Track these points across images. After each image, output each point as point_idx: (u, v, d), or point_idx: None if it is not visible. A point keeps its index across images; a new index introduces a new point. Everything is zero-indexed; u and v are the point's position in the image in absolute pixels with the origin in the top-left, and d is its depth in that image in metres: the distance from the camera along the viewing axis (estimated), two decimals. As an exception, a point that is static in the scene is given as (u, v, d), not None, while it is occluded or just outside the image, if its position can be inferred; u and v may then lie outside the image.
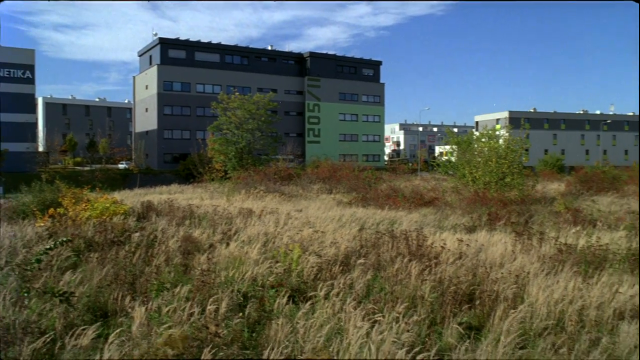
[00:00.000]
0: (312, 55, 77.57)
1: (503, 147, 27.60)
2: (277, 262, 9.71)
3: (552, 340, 6.43)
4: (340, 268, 9.37)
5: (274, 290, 7.97)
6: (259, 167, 37.36)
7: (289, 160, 49.25)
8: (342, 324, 6.65)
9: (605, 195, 29.11)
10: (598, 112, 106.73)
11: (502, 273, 8.95)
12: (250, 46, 74.24)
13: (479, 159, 27.20)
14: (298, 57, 77.91)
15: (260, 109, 45.58)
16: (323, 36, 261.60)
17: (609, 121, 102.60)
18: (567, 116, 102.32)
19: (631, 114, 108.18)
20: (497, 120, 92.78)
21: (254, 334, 6.56)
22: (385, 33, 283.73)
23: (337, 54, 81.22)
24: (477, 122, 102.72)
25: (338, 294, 7.67)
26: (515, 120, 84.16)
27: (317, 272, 9.16)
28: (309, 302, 7.29)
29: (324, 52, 79.98)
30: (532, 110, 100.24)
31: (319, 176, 35.90)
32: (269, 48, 76.90)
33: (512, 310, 7.06)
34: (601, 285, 8.27)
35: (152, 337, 5.94)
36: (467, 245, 11.27)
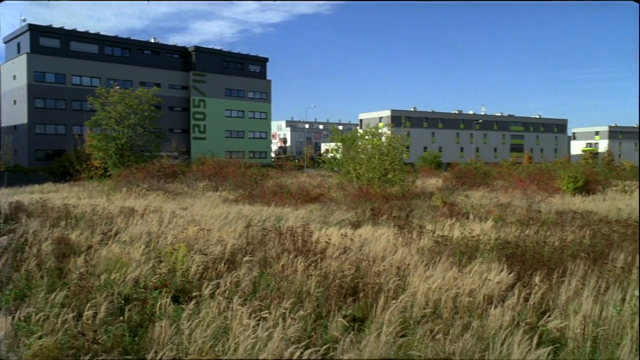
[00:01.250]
0: (198, 49, 75.86)
1: (385, 144, 28.66)
2: (161, 262, 9.41)
3: (429, 327, 6.78)
4: (227, 266, 9.27)
5: (157, 291, 7.71)
6: (142, 164, 35.92)
7: (174, 157, 47.76)
8: (228, 322, 6.58)
9: (477, 189, 31.21)
10: (471, 112, 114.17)
11: (384, 266, 9.32)
12: (132, 38, 71.14)
13: (363, 156, 28.05)
14: (183, 51, 75.82)
15: (143, 103, 43.74)
16: (209, 30, 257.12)
17: (480, 121, 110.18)
18: (444, 116, 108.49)
19: (499, 114, 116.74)
20: (380, 118, 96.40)
21: (136, 338, 6.30)
22: (272, 30, 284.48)
23: (224, 50, 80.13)
24: (361, 120, 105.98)
25: (224, 292, 7.58)
26: (397, 119, 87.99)
27: (203, 271, 9.00)
28: (193, 302, 7.14)
29: (210, 47, 78.52)
30: (412, 110, 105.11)
31: (205, 173, 35.20)
32: (152, 41, 74.12)
33: (394, 301, 7.37)
34: (473, 273, 8.84)
35: (20, 349, 5.52)
36: (352, 239, 11.60)
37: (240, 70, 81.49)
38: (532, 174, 31.78)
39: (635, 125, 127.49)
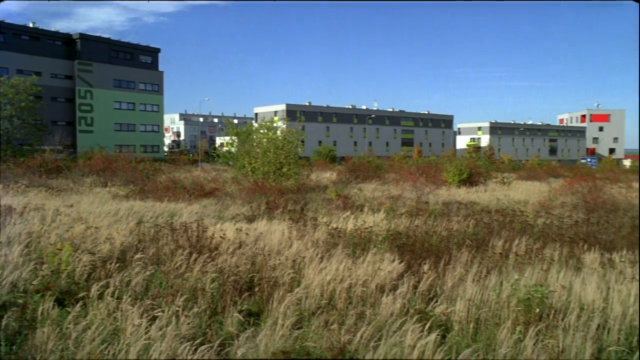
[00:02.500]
0: (83, 37, 71.65)
1: (281, 138, 28.74)
2: (43, 263, 8.83)
3: (324, 318, 6.91)
4: (117, 265, 8.88)
5: (39, 295, 7.23)
6: (21, 159, 33.46)
7: (58, 151, 44.93)
8: (118, 324, 6.32)
9: (370, 182, 32.15)
10: (364, 107, 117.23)
11: (279, 259, 9.36)
12: (7, 21, 65.65)
13: (258, 150, 27.96)
14: (66, 38, 71.24)
15: (20, 93, 40.70)
16: (96, 17, 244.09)
17: (373, 116, 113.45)
18: (339, 110, 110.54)
19: (391, 110, 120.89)
20: (275, 112, 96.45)
21: (14, 347, 5.87)
22: (165, 20, 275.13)
23: (112, 38, 76.31)
24: (256, 114, 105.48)
25: (114, 292, 7.26)
26: (292, 113, 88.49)
27: (91, 271, 8.56)
28: (80, 305, 6.77)
29: (98, 34, 74.47)
30: (307, 104, 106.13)
31: (93, 168, 33.44)
32: (31, 25, 69.02)
33: (289, 294, 7.42)
34: (366, 264, 9.11)
35: None
36: (247, 234, 11.53)
37: (130, 61, 78.04)
38: (421, 167, 33.18)
39: (513, 122, 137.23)
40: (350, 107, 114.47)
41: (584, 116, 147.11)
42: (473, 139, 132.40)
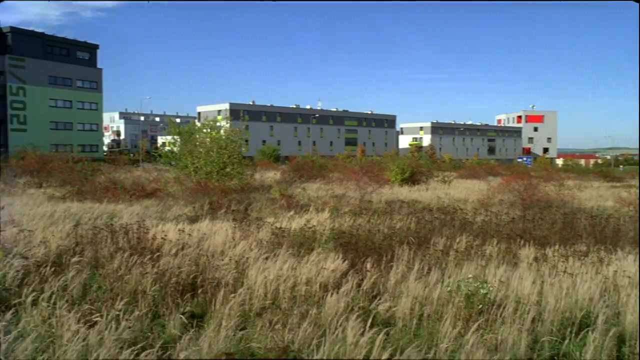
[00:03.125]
0: (15, 30, 68.50)
1: (224, 137, 28.41)
2: (-30, 269, 8.40)
3: (269, 318, 6.88)
4: (52, 269, 8.54)
5: (-34, 302, 6.87)
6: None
7: (-13, 151, 42.84)
8: (54, 330, 6.09)
9: (314, 182, 32.25)
10: (308, 107, 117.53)
11: (223, 260, 9.26)
12: None
13: (201, 150, 27.54)
14: (-5, 32, 68.13)
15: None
16: (29, 10, 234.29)
17: (317, 115, 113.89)
18: (283, 110, 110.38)
19: (334, 109, 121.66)
20: (219, 111, 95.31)
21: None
22: (104, 15, 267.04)
23: (47, 33, 73.41)
24: (199, 113, 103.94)
25: (49, 298, 6.98)
26: (236, 112, 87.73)
27: (24, 276, 8.20)
28: (11, 312, 6.47)
29: (31, 28, 71.41)
30: (251, 103, 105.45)
31: (26, 169, 32.04)
32: (-43, 19, 65.53)
33: (233, 295, 7.35)
34: (310, 263, 9.13)
35: None
36: (190, 235, 11.35)
37: (66, 57, 75.21)
38: (365, 166, 33.60)
39: (453, 122, 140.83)
40: (295, 106, 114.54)
41: (520, 117, 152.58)
42: (415, 139, 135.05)
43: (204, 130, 29.78)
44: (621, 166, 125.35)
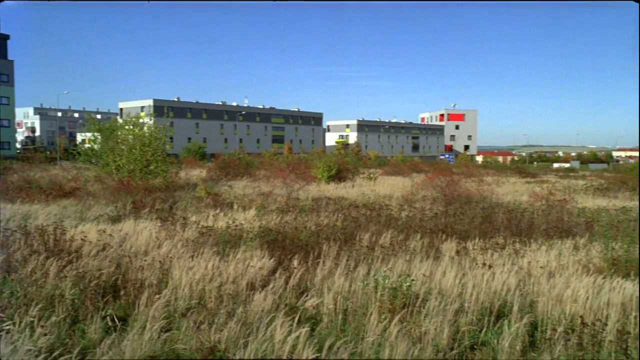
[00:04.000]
0: None
1: (147, 135, 27.63)
2: None
3: (194, 319, 6.76)
4: (-42, 275, 8.01)
5: None
6: None
7: None
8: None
9: (240, 179, 31.96)
10: (235, 103, 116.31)
11: (146, 260, 9.00)
12: None
13: (123, 147, 26.65)
14: None
15: None
16: None
17: (243, 112, 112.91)
18: (208, 106, 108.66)
19: (261, 106, 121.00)
20: (142, 107, 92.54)
21: None
22: (12, 3, 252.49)
23: (-50, 23, 68.73)
24: (121, 109, 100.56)
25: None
26: (160, 109, 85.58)
27: None
28: None
29: None
30: (176, 100, 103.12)
31: None
32: None
33: (157, 296, 7.17)
34: (236, 261, 9.04)
35: None
36: (111, 235, 10.96)
37: (-27, 49, 70.72)
38: (292, 163, 33.68)
39: (379, 120, 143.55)
40: (221, 103, 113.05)
41: (442, 115, 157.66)
42: (342, 136, 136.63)
43: (127, 127, 28.85)
44: (535, 163, 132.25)
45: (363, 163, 56.68)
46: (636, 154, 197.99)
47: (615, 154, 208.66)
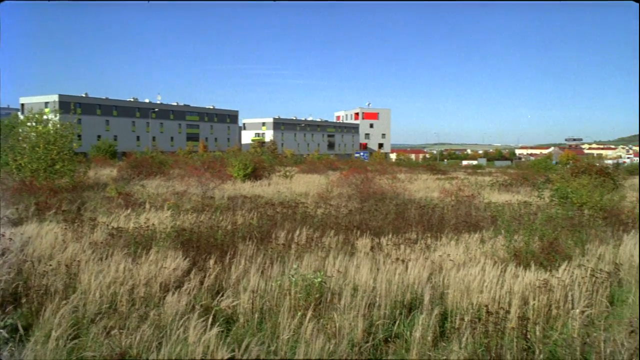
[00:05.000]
0: None
1: (52, 132, 26.21)
2: None
3: (104, 324, 6.50)
4: None
5: None
6: None
7: None
8: None
9: (154, 179, 31.04)
10: (147, 100, 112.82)
11: (51, 265, 8.55)
12: None
13: (25, 145, 25.13)
14: None
15: None
16: None
17: (156, 110, 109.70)
18: (119, 103, 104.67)
19: (175, 104, 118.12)
20: (46, 103, 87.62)
21: None
22: None
23: None
24: (22, 105, 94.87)
25: None
26: (66, 105, 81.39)
27: None
28: None
29: None
30: (84, 95, 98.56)
31: None
32: None
33: (65, 302, 6.83)
34: (149, 263, 8.78)
35: None
36: (11, 239, 10.30)
37: None
38: (207, 162, 33.12)
39: (295, 118, 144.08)
40: (132, 100, 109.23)
41: (357, 114, 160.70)
42: (258, 134, 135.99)
43: (29, 124, 27.20)
44: (445, 160, 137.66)
45: (279, 161, 56.79)
46: (537, 151, 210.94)
47: (517, 151, 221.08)
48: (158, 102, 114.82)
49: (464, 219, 15.29)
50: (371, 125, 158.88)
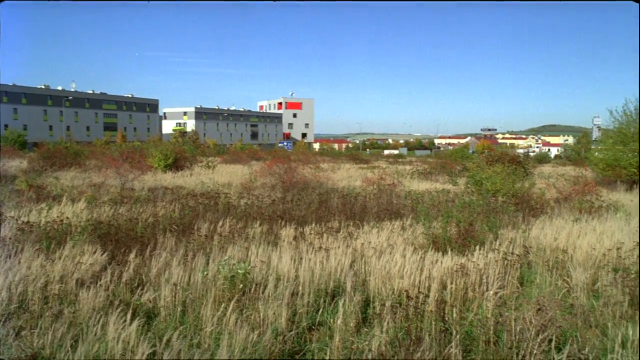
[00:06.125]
0: None
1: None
2: None
3: (14, 325, 6.17)
4: None
5: None
6: None
7: None
8: None
9: (68, 170, 29.70)
10: (60, 87, 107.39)
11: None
12: None
13: None
14: None
15: None
16: None
17: (70, 98, 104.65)
18: (29, 90, 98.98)
19: (91, 92, 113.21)
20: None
21: None
22: None
23: None
24: None
25: None
26: (-32, 92, 76.08)
27: None
28: None
29: None
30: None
31: None
32: None
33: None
34: (64, 258, 8.41)
35: None
36: None
37: None
38: (126, 152, 31.91)
39: (217, 107, 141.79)
40: (43, 87, 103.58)
41: (280, 103, 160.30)
42: (179, 124, 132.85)
43: None
44: (368, 150, 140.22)
45: (201, 151, 55.76)
46: (455, 141, 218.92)
47: (437, 141, 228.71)
48: (72, 90, 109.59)
49: (385, 207, 15.63)
50: (294, 115, 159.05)
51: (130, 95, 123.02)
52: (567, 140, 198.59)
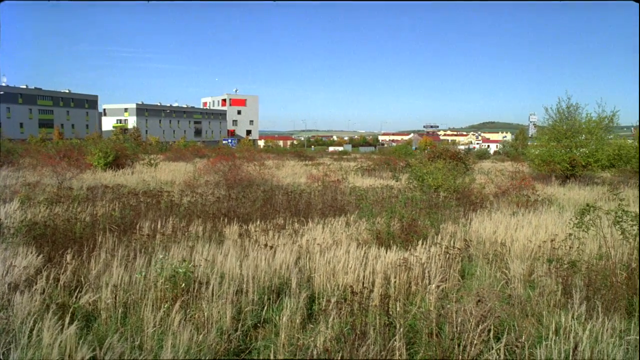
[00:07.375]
0: None
1: None
2: None
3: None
4: None
5: None
6: None
7: None
8: None
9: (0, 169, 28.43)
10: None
11: None
12: None
13: None
14: None
15: None
16: None
17: (2, 93, 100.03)
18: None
19: (24, 87, 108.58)
20: None
21: None
22: None
23: None
24: None
25: None
26: None
27: None
28: None
29: None
30: None
31: None
32: None
33: None
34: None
35: None
36: None
37: None
38: (63, 150, 30.79)
39: (160, 104, 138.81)
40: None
41: (224, 100, 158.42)
42: (120, 121, 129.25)
43: None
44: (312, 147, 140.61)
45: (143, 149, 54.51)
46: (398, 137, 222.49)
47: (381, 138, 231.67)
48: (4, 84, 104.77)
49: (330, 204, 15.72)
50: (239, 112, 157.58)
51: (67, 91, 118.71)
52: (505, 137, 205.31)
